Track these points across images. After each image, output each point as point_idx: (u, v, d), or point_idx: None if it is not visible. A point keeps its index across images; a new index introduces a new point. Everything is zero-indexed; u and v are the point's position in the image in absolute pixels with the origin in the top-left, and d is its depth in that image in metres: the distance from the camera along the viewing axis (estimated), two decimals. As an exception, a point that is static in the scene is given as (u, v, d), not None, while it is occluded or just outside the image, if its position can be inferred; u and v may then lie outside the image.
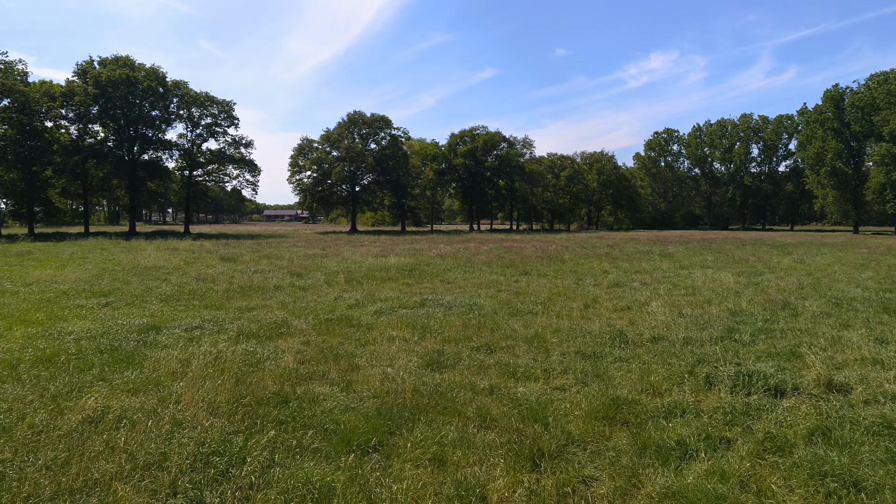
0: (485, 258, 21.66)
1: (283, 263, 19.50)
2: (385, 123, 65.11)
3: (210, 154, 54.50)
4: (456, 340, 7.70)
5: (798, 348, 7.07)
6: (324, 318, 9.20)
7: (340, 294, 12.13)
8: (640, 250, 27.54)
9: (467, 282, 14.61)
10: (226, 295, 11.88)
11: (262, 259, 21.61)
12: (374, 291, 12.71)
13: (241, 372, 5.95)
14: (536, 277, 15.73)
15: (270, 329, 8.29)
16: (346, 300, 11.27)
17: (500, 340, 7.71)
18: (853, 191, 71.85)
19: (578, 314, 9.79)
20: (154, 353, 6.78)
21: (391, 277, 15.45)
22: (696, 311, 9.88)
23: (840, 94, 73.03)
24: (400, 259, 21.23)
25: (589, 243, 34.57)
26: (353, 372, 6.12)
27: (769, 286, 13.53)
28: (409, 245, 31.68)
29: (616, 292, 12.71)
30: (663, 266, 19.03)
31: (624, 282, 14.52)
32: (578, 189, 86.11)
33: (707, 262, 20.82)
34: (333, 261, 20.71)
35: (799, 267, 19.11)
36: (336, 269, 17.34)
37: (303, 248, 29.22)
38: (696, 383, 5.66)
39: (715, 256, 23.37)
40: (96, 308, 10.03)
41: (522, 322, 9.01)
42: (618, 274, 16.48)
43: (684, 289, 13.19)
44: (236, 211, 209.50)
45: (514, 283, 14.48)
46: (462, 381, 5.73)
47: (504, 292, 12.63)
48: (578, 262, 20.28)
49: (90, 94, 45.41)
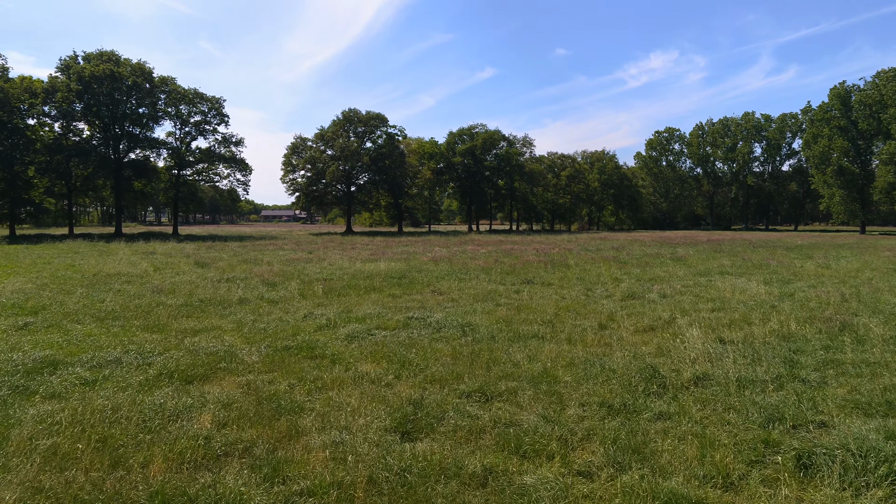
0: (482, 263, 19.91)
1: (262, 269, 17.75)
2: (381, 121, 63.31)
3: (199, 153, 52.66)
4: (441, 381, 5.94)
5: (893, 396, 5.33)
6: (281, 346, 7.45)
7: (312, 310, 10.37)
8: (649, 253, 25.82)
9: (462, 293, 12.87)
10: (178, 311, 10.12)
11: (241, 264, 19.85)
12: (353, 306, 10.96)
13: (119, 450, 4.16)
14: (540, 287, 13.99)
15: (207, 364, 6.54)
16: (317, 318, 9.52)
17: (499, 380, 5.96)
18: (860, 190, 70.10)
19: (594, 338, 8.05)
20: (19, 410, 5.01)
21: (376, 287, 13.70)
22: (737, 335, 8.13)
23: (847, 91, 71.29)
24: (390, 264, 19.48)
25: (592, 245, 32.83)
26: (291, 442, 4.36)
27: (807, 298, 11.79)
28: (403, 248, 29.92)
29: (633, 306, 10.96)
30: (679, 272, 17.28)
31: (639, 292, 12.78)
32: (579, 189, 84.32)
33: (725, 267, 19.08)
34: (317, 266, 18.95)
35: (827, 273, 17.38)
36: (317, 277, 15.59)
37: (289, 251, 27.46)
38: (785, 466, 3.91)
39: (731, 260, 21.63)
40: (8, 331, 8.27)
41: (526, 351, 7.26)
42: (631, 282, 14.73)
43: (711, 301, 11.45)
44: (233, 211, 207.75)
45: (514, 294, 12.74)
46: (443, 460, 3.98)
47: (503, 306, 10.88)
48: (585, 268, 18.54)
49: (73, 91, 43.57)
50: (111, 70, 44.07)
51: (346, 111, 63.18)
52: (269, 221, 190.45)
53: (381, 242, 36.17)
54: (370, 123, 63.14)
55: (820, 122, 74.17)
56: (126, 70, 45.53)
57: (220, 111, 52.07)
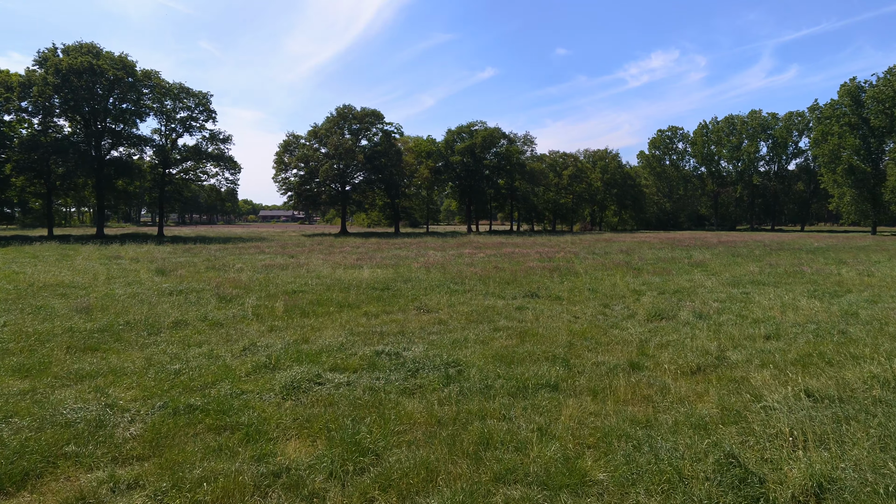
0: (480, 270, 17.66)
1: (228, 278, 15.51)
2: (376, 118, 61.00)
3: (186, 150, 50.35)
4: (402, 489, 3.70)
5: None
6: (183, 406, 5.20)
7: (258, 339, 8.12)
8: (662, 257, 23.56)
9: (453, 310, 10.62)
10: (85, 341, 7.88)
11: (208, 272, 17.61)
12: (314, 331, 8.71)
13: None
14: (547, 302, 11.74)
15: (48, 446, 4.29)
16: (258, 353, 7.27)
17: (495, 484, 3.72)
18: (871, 189, 67.78)
19: (627, 388, 5.80)
20: None
21: (351, 303, 11.45)
22: (825, 383, 5.88)
23: (858, 87, 68.98)
24: (375, 272, 17.24)
25: (599, 248, 30.58)
26: None
27: (879, 319, 9.55)
28: (396, 251, 27.67)
29: (665, 332, 8.72)
30: (705, 282, 15.00)
31: (667, 310, 10.54)
32: (581, 188, 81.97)
33: (754, 275, 16.81)
34: (292, 274, 16.71)
35: (873, 282, 15.12)
36: (285, 289, 13.35)
37: (270, 254, 25.22)
38: None
39: (758, 266, 19.36)
40: None
41: (536, 415, 5.02)
42: (653, 296, 12.48)
43: (760, 324, 9.20)
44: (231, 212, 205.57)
45: (516, 311, 10.49)
46: None
47: (503, 332, 8.63)
48: (596, 276, 16.28)
49: (50, 84, 41.28)
50: (90, 63, 41.78)
51: (341, 107, 60.90)
52: (266, 222, 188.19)
53: (373, 245, 33.92)
54: (365, 120, 60.84)
55: (829, 119, 71.91)
56: (106, 63, 43.23)
57: (207, 107, 49.77)
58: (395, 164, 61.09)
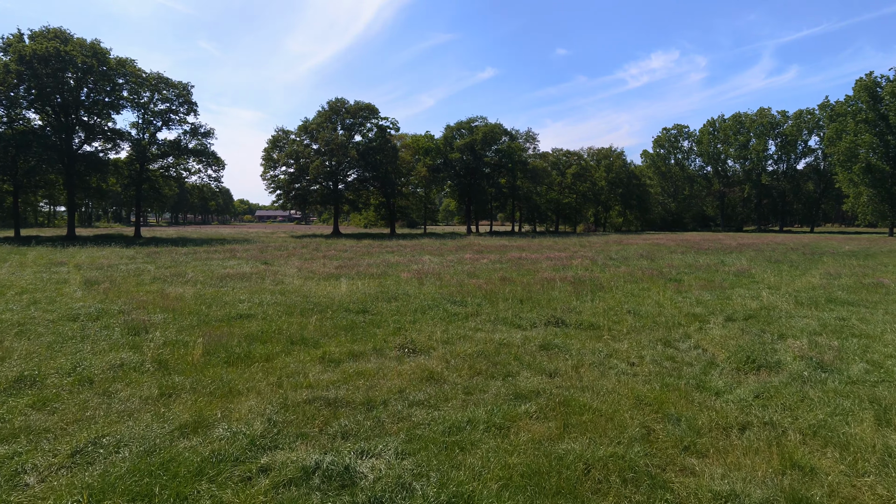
0: (484, 282, 14.36)
1: (166, 292, 12.23)
2: (371, 112, 57.60)
3: (166, 145, 46.94)
4: None
5: None
6: None
7: (112, 425, 4.83)
8: (692, 264, 20.30)
9: (450, 351, 7.35)
10: None
11: (150, 283, 14.32)
12: (222, 403, 5.42)
13: None
14: (580, 334, 8.46)
15: None
16: (88, 466, 3.99)
17: None
18: (889, 189, 64.68)
19: None
20: None
21: (307, 338, 8.16)
22: None
23: (874, 83, 65.90)
24: (355, 284, 13.94)
25: (613, 251, 27.33)
26: None
27: None
28: (387, 256, 24.39)
29: (789, 403, 5.45)
30: (777, 302, 11.67)
31: (758, 352, 7.28)
32: (585, 188, 78.65)
33: (826, 289, 13.52)
34: (251, 288, 13.40)
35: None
36: (227, 313, 10.05)
37: (242, 259, 21.91)
38: None
39: (819, 280, 16.04)
40: None
41: None
42: (721, 324, 9.21)
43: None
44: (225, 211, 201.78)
45: (542, 354, 7.22)
46: None
47: (531, 405, 5.36)
48: (631, 292, 12.98)
49: (12, 72, 37.88)
50: (56, 48, 38.38)
51: (333, 101, 57.49)
52: (262, 222, 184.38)
53: (363, 248, 30.60)
54: (359, 115, 57.46)
55: (843, 116, 68.85)
56: (76, 49, 39.82)
57: (188, 98, 46.35)
58: (391, 161, 57.77)
